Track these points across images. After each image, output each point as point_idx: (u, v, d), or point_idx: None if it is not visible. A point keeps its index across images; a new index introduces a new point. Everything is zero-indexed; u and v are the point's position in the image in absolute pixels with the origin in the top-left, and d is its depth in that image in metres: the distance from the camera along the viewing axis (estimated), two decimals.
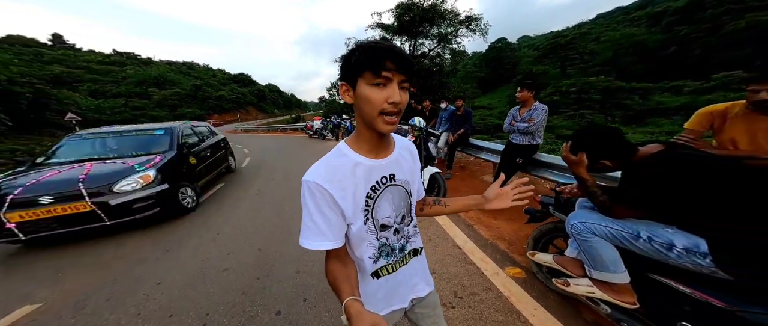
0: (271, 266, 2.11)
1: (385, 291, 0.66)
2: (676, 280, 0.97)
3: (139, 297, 1.80)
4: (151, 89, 42.02)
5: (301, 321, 1.55)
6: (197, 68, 66.86)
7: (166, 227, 2.95)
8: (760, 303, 0.81)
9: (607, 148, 1.04)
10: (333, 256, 0.57)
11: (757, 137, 1.17)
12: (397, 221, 0.63)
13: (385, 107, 0.48)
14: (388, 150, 0.61)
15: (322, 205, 0.53)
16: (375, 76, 0.47)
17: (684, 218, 0.92)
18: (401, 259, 0.66)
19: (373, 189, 0.58)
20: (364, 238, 0.60)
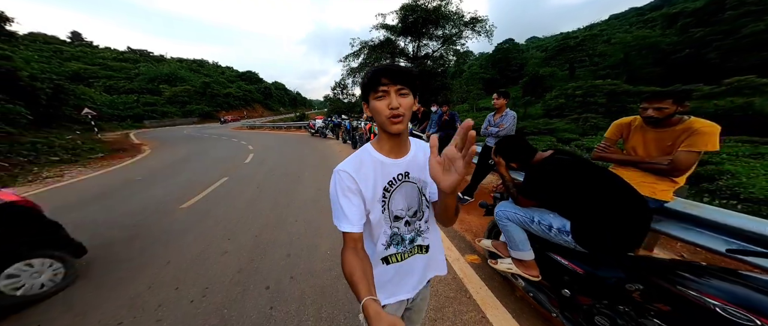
0: (265, 249, 2.39)
1: (392, 277, 0.73)
2: (560, 256, 1.21)
3: (150, 272, 2.11)
4: (162, 85, 43.32)
5: (286, 293, 1.82)
6: (207, 66, 68.40)
7: (174, 216, 3.28)
8: (606, 268, 1.07)
9: (510, 152, 1.32)
10: (350, 247, 0.62)
11: (647, 145, 1.45)
12: (409, 214, 0.71)
13: (389, 113, 0.58)
14: (405, 151, 0.69)
15: (347, 191, 0.63)
16: (376, 91, 0.58)
17: (557, 206, 1.20)
18: (410, 250, 0.73)
19: (390, 183, 0.67)
20: (381, 225, 0.69)
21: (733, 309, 0.72)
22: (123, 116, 31.06)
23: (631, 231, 1.03)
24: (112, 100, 32.64)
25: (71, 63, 37.34)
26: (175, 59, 64.04)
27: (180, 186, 4.71)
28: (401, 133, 0.63)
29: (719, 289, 0.77)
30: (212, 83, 50.61)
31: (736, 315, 0.71)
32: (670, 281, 0.86)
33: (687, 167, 1.30)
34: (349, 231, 0.62)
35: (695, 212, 1.42)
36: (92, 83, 35.57)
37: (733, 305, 0.72)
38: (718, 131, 1.25)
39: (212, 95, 48.21)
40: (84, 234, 2.81)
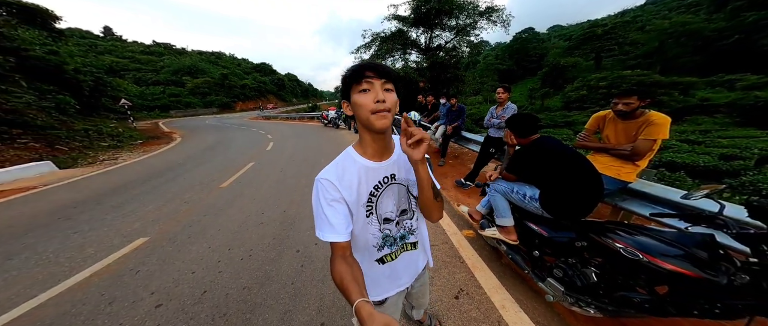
0: (293, 221, 2.85)
1: (389, 275, 0.75)
2: (532, 222, 1.50)
3: (208, 237, 2.63)
4: (185, 77, 45.51)
5: (312, 255, 2.25)
6: (224, 58, 70.51)
7: (217, 193, 3.84)
8: (562, 231, 1.35)
9: (515, 124, 1.56)
10: (338, 255, 0.59)
11: (618, 134, 1.73)
12: (398, 214, 0.71)
13: (374, 107, 0.55)
14: (389, 153, 0.67)
15: (330, 199, 0.61)
16: (359, 84, 0.56)
17: (532, 180, 1.49)
18: (401, 246, 0.74)
19: (375, 188, 0.66)
20: (369, 230, 0.69)
21: (629, 250, 1.02)
22: (151, 106, 33.26)
23: (585, 200, 1.31)
24: (141, 91, 34.91)
25: (105, 56, 40.02)
26: (196, 52, 66.55)
27: (216, 169, 5.34)
28: (385, 131, 0.60)
29: (627, 238, 1.06)
30: (230, 75, 52.39)
31: (631, 253, 1.01)
32: (599, 235, 1.15)
33: (644, 153, 1.59)
34: (335, 241, 0.60)
35: (649, 190, 1.69)
36: (124, 75, 38.10)
37: (630, 247, 1.02)
38: (668, 122, 1.54)
39: (229, 86, 50.03)
40: (152, 205, 3.44)
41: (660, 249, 0.97)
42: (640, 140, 1.57)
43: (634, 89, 1.61)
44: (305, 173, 4.71)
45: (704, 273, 0.89)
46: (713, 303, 0.91)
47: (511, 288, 1.66)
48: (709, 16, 27.72)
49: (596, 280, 1.18)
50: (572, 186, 1.31)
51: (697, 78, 19.65)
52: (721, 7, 27.69)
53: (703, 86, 19.24)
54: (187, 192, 3.94)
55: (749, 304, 0.84)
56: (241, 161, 6.02)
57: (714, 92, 18.15)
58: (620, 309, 1.11)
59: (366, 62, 0.58)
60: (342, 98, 0.62)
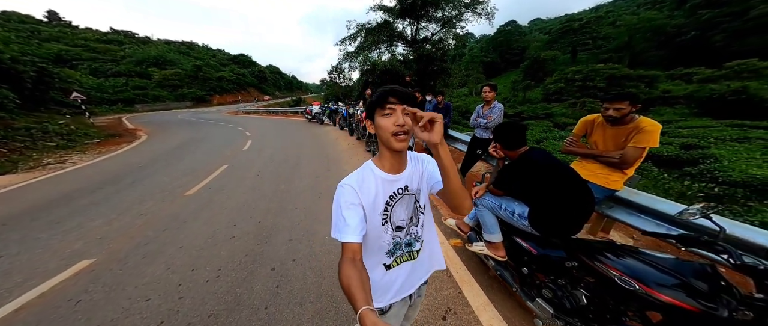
0: (268, 234, 2.61)
1: (395, 280, 0.79)
2: (521, 239, 1.42)
3: (167, 256, 2.32)
4: (151, 68, 41.62)
5: (289, 275, 2.05)
6: (196, 48, 65.25)
7: (181, 202, 3.46)
8: (552, 248, 1.28)
9: (503, 136, 1.43)
10: (348, 258, 0.62)
11: (606, 140, 1.66)
12: (408, 222, 0.78)
13: (395, 129, 0.64)
14: (403, 167, 0.75)
15: (349, 203, 0.68)
16: (383, 109, 0.65)
17: (521, 196, 1.40)
18: (408, 253, 0.80)
19: (391, 198, 0.74)
20: (383, 237, 0.75)
21: (625, 279, 0.93)
22: (113, 99, 30.17)
23: (575, 218, 1.23)
24: (99, 83, 31.48)
25: (51, 44, 35.43)
26: (162, 41, 60.92)
27: (183, 173, 4.85)
28: (404, 150, 0.68)
29: (620, 263, 0.98)
30: (204, 66, 48.69)
31: (626, 282, 0.93)
32: (591, 258, 1.07)
33: (633, 161, 1.52)
34: (349, 241, 0.64)
35: (635, 199, 1.65)
36: (76, 65, 34.02)
37: (625, 275, 0.93)
38: (659, 129, 1.46)
39: (204, 78, 46.59)
40: (101, 219, 3.02)
41: (657, 279, 0.89)
42: (630, 148, 1.51)
43: (626, 94, 1.52)
44: (285, 177, 4.40)
45: (703, 305, 0.81)
46: None
47: (499, 305, 1.59)
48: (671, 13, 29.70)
49: (586, 303, 1.12)
50: (562, 203, 1.23)
51: (660, 71, 21.12)
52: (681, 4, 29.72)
53: (665, 79, 20.75)
54: (146, 202, 3.52)
55: None
56: (213, 163, 5.54)
57: (674, 84, 19.66)
58: None
59: (390, 88, 0.65)
60: (367, 118, 0.70)
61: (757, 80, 14.39)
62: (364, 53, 14.46)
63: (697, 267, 0.87)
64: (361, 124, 6.56)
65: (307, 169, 4.79)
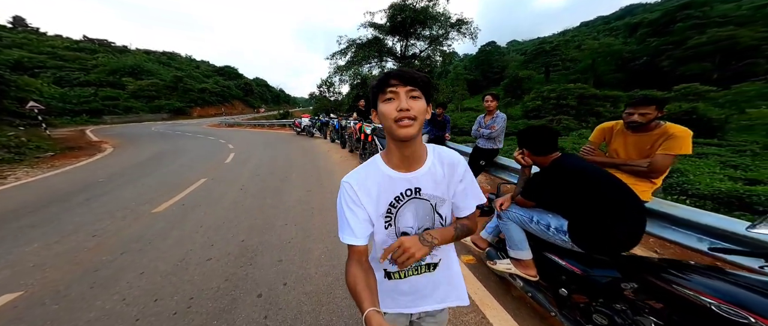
0: (254, 255, 2.24)
1: (392, 291, 0.70)
2: (557, 255, 1.25)
3: (123, 284, 1.88)
4: (125, 78, 39.44)
5: (280, 301, 1.71)
6: (178, 59, 63.40)
7: (146, 221, 2.97)
8: (601, 268, 1.12)
9: (534, 141, 1.28)
10: (354, 259, 0.60)
11: (628, 148, 1.55)
12: (417, 231, 0.67)
13: (397, 115, 0.54)
14: (418, 164, 0.63)
15: (350, 203, 0.62)
16: (384, 93, 0.56)
17: (557, 207, 1.24)
18: (415, 268, 0.69)
19: (396, 199, 0.63)
20: (386, 241, 0.66)
21: (727, 307, 0.75)
22: (77, 110, 27.81)
23: (627, 232, 1.07)
24: (63, 93, 29.09)
25: (12, 51, 32.72)
26: (142, 51, 58.63)
27: (151, 188, 4.30)
28: (411, 140, 0.57)
29: (711, 288, 0.80)
30: (185, 77, 47.04)
31: (730, 312, 0.74)
32: (665, 279, 0.90)
33: (664, 169, 1.41)
34: (353, 244, 0.60)
35: (672, 211, 1.54)
36: (38, 73, 31.42)
37: (728, 303, 0.76)
38: (690, 135, 1.37)
39: (185, 89, 44.80)
40: (39, 242, 2.48)
41: (757, 304, 0.71)
42: (660, 155, 1.38)
43: (653, 98, 1.43)
44: (272, 190, 4.03)
45: None
46: None
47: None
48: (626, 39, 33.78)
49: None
50: (608, 214, 1.08)
51: (621, 92, 23.39)
52: (632, 32, 34.00)
53: (625, 99, 22.97)
54: (101, 221, 2.99)
55: None
56: (190, 176, 5.01)
57: None
58: None
59: (392, 70, 0.57)
60: (371, 108, 0.62)
61: (702, 102, 16.32)
62: (355, 67, 14.71)
63: None
64: (355, 135, 6.39)
65: (298, 182, 4.45)
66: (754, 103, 15.27)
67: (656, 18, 31.33)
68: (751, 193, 3.61)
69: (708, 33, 24.24)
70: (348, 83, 15.61)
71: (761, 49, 21.57)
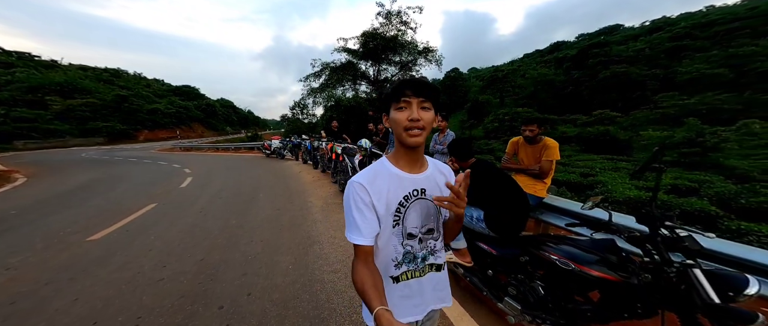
0: (214, 272, 2.15)
1: (402, 297, 0.70)
2: (482, 242, 1.55)
3: (47, 314, 1.64)
4: (50, 97, 33.81)
5: (243, 311, 1.69)
6: (124, 76, 57.10)
7: (78, 249, 2.60)
8: (508, 247, 1.44)
9: (457, 150, 1.68)
10: (361, 259, 0.61)
11: (527, 156, 2.15)
12: (423, 231, 0.70)
13: (407, 124, 0.58)
14: (422, 168, 0.69)
15: (360, 203, 0.62)
16: (398, 102, 0.59)
17: (476, 201, 1.59)
18: (421, 269, 0.71)
19: (405, 198, 0.66)
20: (392, 242, 0.67)
21: (563, 260, 1.12)
22: None
23: (519, 218, 1.46)
24: None
25: None
26: (77, 66, 51.63)
27: (84, 217, 3.74)
28: (418, 147, 0.62)
29: (557, 249, 1.18)
30: (131, 97, 42.24)
31: (564, 263, 1.11)
32: (537, 248, 1.25)
33: (548, 171, 2.00)
34: (360, 244, 0.61)
35: (556, 203, 2.08)
36: None
37: (563, 257, 1.13)
38: (557, 145, 2.00)
39: (130, 110, 39.93)
40: None
41: (584, 258, 1.07)
42: (544, 161, 1.97)
43: (534, 119, 2.07)
44: (237, 212, 3.83)
45: (620, 275, 0.98)
46: (634, 303, 0.99)
47: (474, 314, 1.61)
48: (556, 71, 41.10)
49: (543, 293, 1.24)
50: (508, 204, 1.45)
51: (556, 116, 27.86)
52: (560, 65, 41.64)
53: (561, 123, 27.37)
54: (18, 254, 2.55)
55: (658, 301, 0.93)
56: (134, 203, 4.47)
57: (567, 127, 26.08)
58: (570, 321, 1.17)
59: (407, 79, 0.59)
60: (382, 113, 0.66)
61: (613, 125, 20.39)
62: (329, 90, 15.14)
63: (605, 243, 1.10)
64: (326, 156, 6.47)
65: (266, 203, 4.30)
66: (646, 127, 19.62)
67: (575, 54, 39.16)
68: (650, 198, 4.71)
69: (610, 69, 31.07)
70: (322, 105, 15.87)
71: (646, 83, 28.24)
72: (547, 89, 37.02)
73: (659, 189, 1.35)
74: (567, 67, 38.93)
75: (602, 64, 33.85)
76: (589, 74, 33.59)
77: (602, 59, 34.80)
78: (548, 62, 47.39)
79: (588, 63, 35.66)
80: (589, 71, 33.83)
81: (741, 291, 0.73)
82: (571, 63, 38.44)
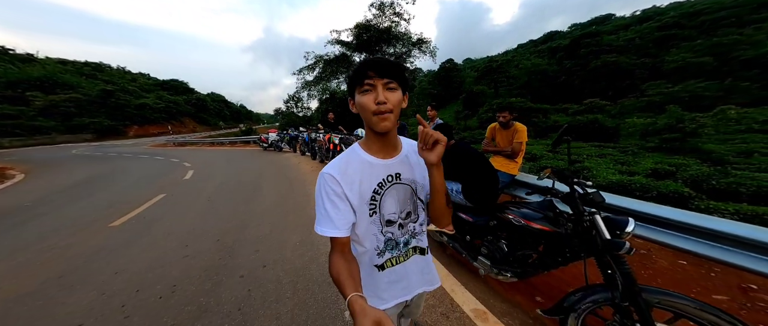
0: (231, 250, 2.45)
1: (389, 282, 0.69)
2: (461, 212, 1.86)
3: (98, 282, 1.93)
4: (31, 92, 32.49)
5: (261, 279, 1.99)
6: (108, 71, 54.85)
7: (105, 234, 2.86)
8: (481, 215, 1.74)
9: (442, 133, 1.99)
10: (337, 250, 0.59)
11: (503, 140, 2.49)
12: (402, 216, 0.67)
13: (375, 108, 0.54)
14: (396, 151, 0.66)
15: (332, 194, 0.59)
16: (361, 85, 0.55)
17: (455, 176, 1.88)
18: (405, 253, 0.70)
19: (379, 185, 0.63)
20: (371, 231, 0.65)
21: (516, 219, 1.45)
22: None
23: (491, 189, 1.77)
24: None
25: None
26: (55, 60, 49.27)
27: (98, 207, 3.97)
28: (389, 131, 0.59)
29: (515, 211, 1.50)
30: (117, 91, 40.85)
31: (517, 221, 1.44)
32: (501, 212, 1.57)
33: (519, 152, 2.36)
34: (335, 237, 0.59)
35: (522, 178, 2.43)
36: None
37: (517, 217, 1.46)
38: (526, 129, 2.36)
39: (117, 105, 38.74)
40: None
41: (531, 215, 1.39)
42: (515, 144, 2.34)
43: (506, 106, 2.46)
44: (242, 200, 4.10)
45: (554, 227, 1.28)
46: (564, 250, 1.27)
47: (456, 274, 1.90)
48: (549, 61, 41.29)
49: (507, 250, 1.53)
50: (481, 178, 1.74)
51: (548, 106, 28.31)
52: (553, 55, 41.81)
53: (553, 112, 27.88)
54: (49, 238, 2.80)
55: (578, 245, 1.18)
56: (143, 194, 4.70)
57: (558, 116, 26.59)
58: (524, 270, 1.46)
59: (368, 60, 0.56)
60: (348, 97, 0.62)
61: (602, 114, 20.93)
62: (324, 83, 15.06)
63: (545, 203, 1.43)
64: (324, 146, 6.70)
65: (269, 190, 4.57)
66: (634, 114, 20.25)
67: (567, 44, 39.31)
68: (631, 181, 5.14)
69: (601, 58, 31.44)
70: (317, 98, 15.83)
71: (634, 72, 28.77)
72: (540, 78, 37.27)
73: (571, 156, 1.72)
74: (560, 57, 39.12)
75: (593, 54, 34.14)
76: (580, 64, 33.91)
77: (593, 49, 35.08)
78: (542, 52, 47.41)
79: (580, 53, 35.88)
80: (581, 61, 34.13)
81: (624, 229, 1.07)
82: (564, 53, 38.64)
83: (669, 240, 1.47)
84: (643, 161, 8.92)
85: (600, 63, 31.43)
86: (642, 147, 13.10)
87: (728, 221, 1.32)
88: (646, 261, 2.00)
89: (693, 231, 1.39)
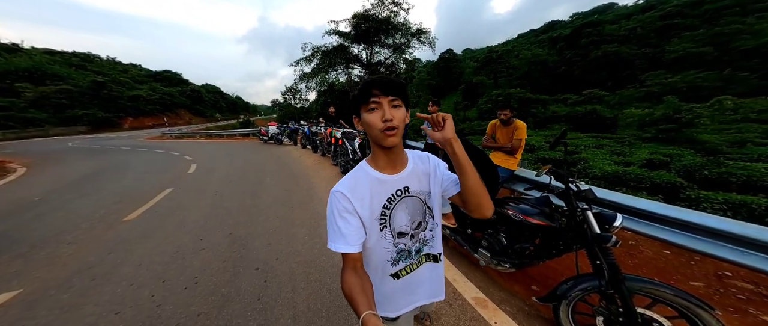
0: (244, 243, 2.58)
1: (404, 290, 0.71)
2: None
3: (124, 275, 2.06)
4: (20, 84, 31.64)
5: (275, 270, 2.13)
6: (97, 61, 53.23)
7: (121, 228, 2.97)
8: None
9: None
10: (349, 267, 0.60)
11: (503, 136, 2.56)
12: (413, 227, 0.69)
13: (382, 126, 0.57)
14: (403, 165, 0.67)
15: (343, 211, 0.61)
16: (367, 104, 0.57)
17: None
18: (417, 260, 0.72)
19: (389, 200, 0.65)
20: (383, 244, 0.67)
21: (515, 214, 1.55)
22: None
23: (491, 184, 1.82)
24: None
25: None
26: (41, 50, 47.59)
27: (109, 202, 4.06)
28: (396, 146, 0.62)
29: (514, 207, 1.60)
30: (109, 83, 39.86)
31: (516, 216, 1.55)
32: (501, 207, 1.67)
33: (518, 149, 2.44)
34: (347, 253, 0.60)
35: (523, 174, 2.53)
36: None
37: (516, 212, 1.56)
38: (525, 126, 2.43)
39: (110, 97, 37.93)
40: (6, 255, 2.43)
41: (529, 211, 1.48)
42: (515, 140, 2.42)
43: (507, 103, 2.49)
44: (250, 193, 4.20)
45: (550, 222, 1.38)
46: (559, 243, 1.36)
47: (458, 265, 2.02)
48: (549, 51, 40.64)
49: (506, 243, 1.61)
50: (481, 174, 1.84)
51: (547, 96, 28.16)
52: (553, 45, 41.11)
53: (552, 103, 27.77)
54: (69, 232, 2.91)
55: (572, 238, 1.28)
56: (151, 188, 4.78)
57: (558, 107, 26.51)
58: (521, 261, 1.55)
59: (372, 79, 0.59)
60: (353, 115, 0.64)
61: (600, 104, 20.90)
62: (322, 74, 14.86)
63: (542, 199, 1.54)
64: (326, 140, 6.74)
65: (273, 185, 4.66)
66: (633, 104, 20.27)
67: (568, 34, 38.58)
68: (626, 172, 5.28)
69: (602, 48, 31.00)
70: (315, 90, 15.66)
71: (634, 62, 28.52)
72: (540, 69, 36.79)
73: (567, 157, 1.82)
74: (560, 47, 38.43)
75: (594, 44, 33.59)
76: (581, 54, 33.42)
77: (594, 39, 34.47)
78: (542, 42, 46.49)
79: (581, 43, 35.26)
80: (582, 51, 33.62)
81: (612, 223, 1.19)
82: (565, 43, 37.94)
83: (654, 232, 1.60)
84: (638, 152, 9.08)
85: (600, 53, 31.01)
86: (639, 138, 13.26)
87: (706, 215, 1.45)
88: (634, 251, 2.17)
89: (675, 224, 1.52)
